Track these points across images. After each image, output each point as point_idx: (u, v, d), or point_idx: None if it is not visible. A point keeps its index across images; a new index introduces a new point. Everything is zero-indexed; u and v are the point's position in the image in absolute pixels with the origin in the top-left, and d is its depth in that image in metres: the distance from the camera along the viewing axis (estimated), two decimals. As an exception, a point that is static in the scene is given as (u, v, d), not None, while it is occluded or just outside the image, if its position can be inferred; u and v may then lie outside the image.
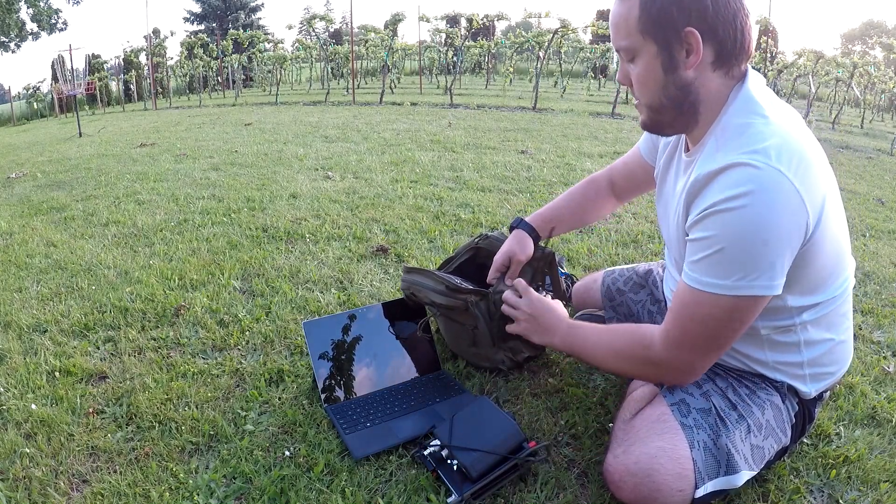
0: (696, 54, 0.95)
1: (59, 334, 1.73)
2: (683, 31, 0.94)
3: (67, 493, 1.12)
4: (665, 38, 0.96)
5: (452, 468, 1.10)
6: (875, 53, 27.03)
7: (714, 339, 1.00)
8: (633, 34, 0.98)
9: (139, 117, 9.89)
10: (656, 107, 1.03)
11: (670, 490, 0.99)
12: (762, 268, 0.92)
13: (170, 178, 3.87)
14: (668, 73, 0.98)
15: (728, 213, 0.91)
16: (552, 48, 12.99)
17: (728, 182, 0.92)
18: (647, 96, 1.03)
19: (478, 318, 1.44)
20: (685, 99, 1.00)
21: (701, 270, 0.96)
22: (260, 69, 18.15)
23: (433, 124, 6.60)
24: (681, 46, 0.96)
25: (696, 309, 0.99)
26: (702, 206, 0.96)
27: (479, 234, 1.65)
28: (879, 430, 1.32)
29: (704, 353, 1.03)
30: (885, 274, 2.30)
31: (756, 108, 0.97)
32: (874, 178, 4.62)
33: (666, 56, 0.97)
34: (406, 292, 1.53)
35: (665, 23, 0.95)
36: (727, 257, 0.93)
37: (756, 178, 0.89)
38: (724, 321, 0.98)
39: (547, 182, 3.64)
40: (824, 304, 1.05)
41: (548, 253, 1.53)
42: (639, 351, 1.10)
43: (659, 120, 1.06)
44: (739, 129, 0.96)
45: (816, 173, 0.94)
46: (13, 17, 22.63)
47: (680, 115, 1.03)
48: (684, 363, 1.05)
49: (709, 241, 0.94)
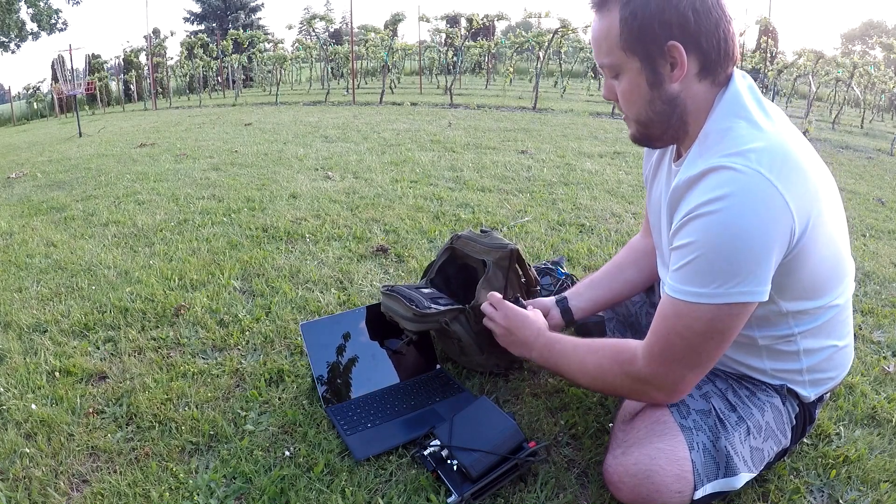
0: (681, 68, 0.94)
1: (59, 334, 1.73)
2: (666, 45, 0.93)
3: (67, 493, 1.12)
4: (648, 54, 0.95)
5: (452, 468, 1.10)
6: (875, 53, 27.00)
7: (696, 353, 0.96)
8: (614, 51, 0.97)
9: (139, 117, 9.90)
10: (644, 121, 1.02)
11: (669, 491, 0.99)
12: (742, 273, 0.88)
13: (170, 178, 3.87)
14: (653, 88, 0.97)
15: (705, 218, 0.89)
16: (552, 48, 12.98)
17: (707, 186, 0.90)
18: (633, 111, 1.02)
19: (459, 334, 1.43)
20: (673, 112, 0.99)
21: (680, 279, 0.93)
22: (260, 69, 18.15)
23: (433, 124, 6.60)
24: (665, 60, 0.95)
25: (675, 321, 0.95)
26: (682, 212, 0.94)
27: (452, 235, 1.65)
28: (879, 430, 1.32)
29: (688, 369, 0.98)
30: (885, 274, 2.30)
31: (739, 112, 0.95)
32: (874, 178, 4.62)
33: (650, 71, 0.96)
34: (386, 317, 1.51)
35: (647, 38, 0.93)
36: (706, 264, 0.90)
37: (734, 181, 0.87)
38: (706, 333, 0.94)
39: (547, 182, 3.64)
40: (823, 310, 1.03)
41: (511, 249, 1.52)
42: (621, 367, 1.05)
43: (648, 133, 1.04)
44: (721, 134, 0.94)
45: (806, 177, 0.91)
46: (13, 17, 22.63)
47: (669, 128, 1.01)
48: (668, 380, 1.00)
49: (688, 248, 0.91)
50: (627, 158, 4.57)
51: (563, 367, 1.16)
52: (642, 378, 1.02)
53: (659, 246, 1.21)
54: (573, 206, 3.05)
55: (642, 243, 1.45)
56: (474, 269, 1.60)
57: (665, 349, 0.98)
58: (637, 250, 1.45)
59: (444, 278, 1.66)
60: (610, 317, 1.61)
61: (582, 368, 1.12)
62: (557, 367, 1.18)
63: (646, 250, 1.42)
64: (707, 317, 0.92)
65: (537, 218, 2.84)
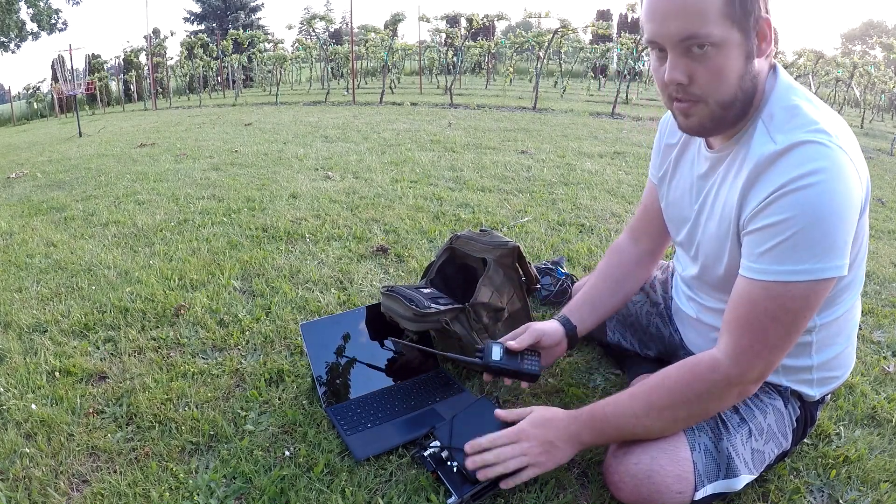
0: (768, 42, 0.92)
1: (59, 334, 1.73)
2: (765, 17, 0.91)
3: (67, 493, 1.12)
4: (748, 26, 0.90)
5: (452, 469, 1.10)
6: (875, 53, 27.02)
7: (789, 333, 0.92)
8: (715, 21, 0.88)
9: (139, 117, 9.89)
10: (728, 102, 0.94)
11: (669, 491, 0.99)
12: (837, 246, 0.87)
13: (170, 178, 3.87)
14: (748, 62, 0.92)
15: (802, 192, 0.87)
16: (552, 48, 12.98)
17: (796, 161, 0.88)
18: (721, 91, 0.93)
19: (459, 333, 1.43)
20: (755, 90, 0.95)
21: (773, 259, 0.90)
22: (260, 69, 18.15)
23: (433, 124, 6.60)
24: (754, 34, 0.92)
25: (769, 304, 0.91)
26: (767, 190, 0.91)
27: (452, 235, 1.65)
28: (879, 430, 1.32)
29: (778, 353, 0.93)
30: (885, 274, 2.30)
31: (797, 92, 0.96)
32: (874, 178, 4.62)
33: (748, 44, 0.91)
34: (386, 317, 1.52)
35: (750, 8, 0.89)
36: (804, 239, 0.87)
37: (826, 156, 0.87)
38: (799, 311, 0.90)
39: (547, 182, 3.64)
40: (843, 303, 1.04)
41: (513, 247, 1.53)
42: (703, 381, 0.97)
43: (724, 117, 0.96)
44: (790, 112, 0.94)
45: (863, 162, 0.94)
46: (13, 17, 22.64)
47: (743, 110, 0.96)
48: (755, 372, 0.94)
49: (781, 225, 0.88)
50: (627, 158, 4.57)
51: (626, 422, 1.02)
52: (733, 380, 0.95)
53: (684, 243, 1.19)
54: (573, 206, 3.05)
55: (633, 252, 1.39)
56: (474, 269, 1.60)
57: (757, 338, 0.93)
58: (629, 262, 1.39)
59: (443, 278, 1.66)
60: (610, 317, 1.61)
61: (649, 410, 1.00)
62: (619, 429, 1.03)
63: (638, 260, 1.38)
64: (803, 293, 0.89)
65: (537, 218, 2.84)
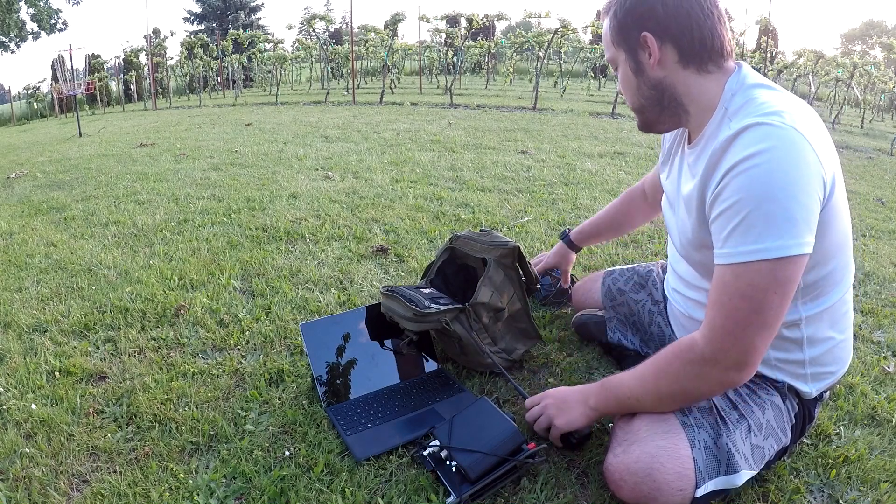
0: (654, 55, 1.05)
1: (59, 334, 1.73)
2: (640, 36, 1.04)
3: (67, 493, 1.12)
4: (629, 45, 1.07)
5: (451, 469, 1.10)
6: (875, 53, 27.02)
7: (762, 311, 0.93)
8: (610, 46, 1.12)
9: (139, 117, 9.89)
10: (638, 107, 1.13)
11: (670, 489, 0.99)
12: (794, 223, 0.89)
13: (170, 178, 3.87)
14: (637, 75, 1.09)
15: (750, 171, 0.91)
16: (552, 48, 12.98)
17: (745, 143, 0.93)
18: (629, 99, 1.14)
19: (459, 333, 1.43)
20: (662, 95, 1.09)
21: (733, 243, 0.93)
22: (260, 69, 18.15)
23: (433, 124, 6.60)
24: (643, 50, 1.06)
25: (735, 285, 0.94)
26: (720, 172, 0.96)
27: (452, 235, 1.65)
28: (879, 430, 1.32)
29: (756, 332, 0.94)
30: (885, 274, 2.30)
31: (755, 85, 1.01)
32: (874, 178, 4.62)
33: (633, 61, 1.08)
34: (386, 317, 1.52)
35: (626, 31, 1.06)
36: (757, 217, 0.90)
37: (773, 135, 0.91)
38: (767, 288, 0.92)
39: (547, 182, 3.64)
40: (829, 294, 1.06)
41: (513, 247, 1.54)
42: (680, 359, 1.02)
43: (646, 118, 1.14)
44: (747, 102, 0.99)
45: (828, 139, 0.97)
46: (13, 17, 22.63)
47: (663, 111, 1.11)
48: (736, 351, 0.96)
49: (735, 207, 0.92)
50: (627, 158, 4.57)
51: (622, 392, 1.10)
52: (708, 359, 0.98)
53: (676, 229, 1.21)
54: (573, 206, 3.05)
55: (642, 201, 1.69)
56: (474, 269, 1.60)
57: (729, 317, 0.95)
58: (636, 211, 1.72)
59: (443, 278, 1.66)
60: (610, 316, 1.62)
61: (644, 385, 1.07)
62: (618, 399, 1.11)
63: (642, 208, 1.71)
64: (768, 270, 0.92)
65: (537, 218, 2.84)
